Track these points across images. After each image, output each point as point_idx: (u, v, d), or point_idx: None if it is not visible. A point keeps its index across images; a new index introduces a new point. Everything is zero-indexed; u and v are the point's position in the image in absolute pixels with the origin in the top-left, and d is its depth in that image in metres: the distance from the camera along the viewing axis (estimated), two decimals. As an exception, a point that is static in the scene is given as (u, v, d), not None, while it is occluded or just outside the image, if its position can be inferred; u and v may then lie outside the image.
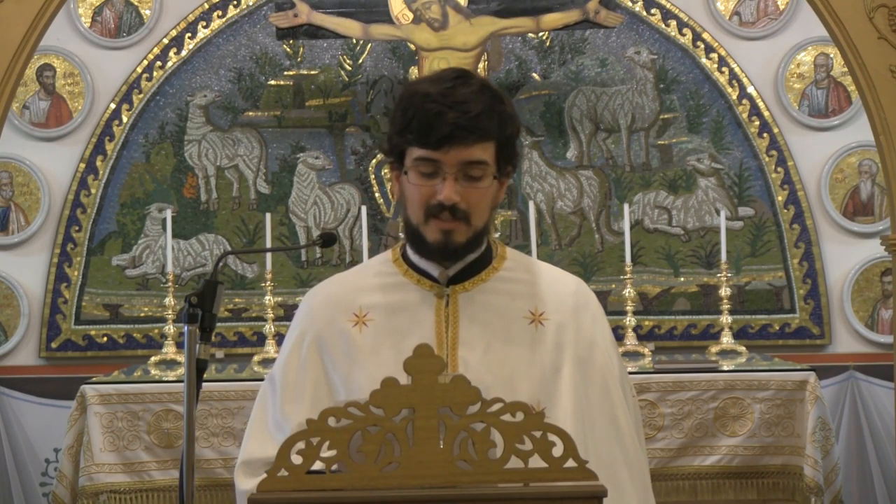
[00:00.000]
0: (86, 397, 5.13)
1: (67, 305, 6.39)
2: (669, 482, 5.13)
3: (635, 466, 2.35)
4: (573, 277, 2.50)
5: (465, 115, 2.23)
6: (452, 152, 2.24)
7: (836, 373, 6.18)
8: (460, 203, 2.26)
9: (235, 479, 2.34)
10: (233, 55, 6.50)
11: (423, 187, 2.27)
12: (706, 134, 6.46)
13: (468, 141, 2.24)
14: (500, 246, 2.45)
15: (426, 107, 2.24)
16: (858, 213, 6.45)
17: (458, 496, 1.93)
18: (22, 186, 6.45)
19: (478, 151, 2.26)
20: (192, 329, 2.25)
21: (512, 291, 2.39)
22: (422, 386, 1.93)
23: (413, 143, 2.27)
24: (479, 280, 2.38)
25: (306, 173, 6.46)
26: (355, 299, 2.39)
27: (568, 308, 2.39)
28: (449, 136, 2.23)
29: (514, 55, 6.49)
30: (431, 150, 2.25)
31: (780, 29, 6.50)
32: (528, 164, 6.45)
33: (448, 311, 2.36)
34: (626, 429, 2.37)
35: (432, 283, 2.37)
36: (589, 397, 2.34)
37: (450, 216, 2.26)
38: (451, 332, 2.34)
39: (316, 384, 2.36)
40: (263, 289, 5.90)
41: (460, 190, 2.26)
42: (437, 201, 2.26)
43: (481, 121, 2.25)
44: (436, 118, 2.23)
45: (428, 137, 2.24)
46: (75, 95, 6.48)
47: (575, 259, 6.43)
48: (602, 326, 2.43)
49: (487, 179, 2.29)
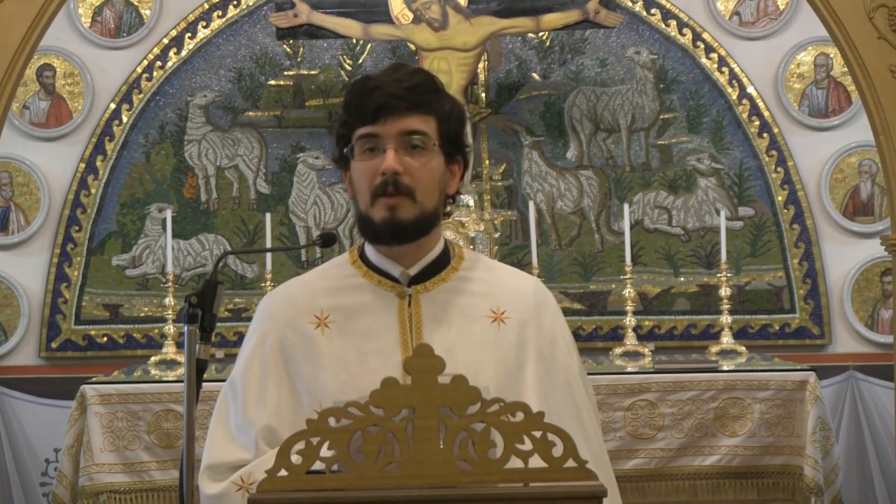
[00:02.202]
0: (86, 397, 5.13)
1: (67, 305, 6.39)
2: (669, 482, 5.13)
3: (600, 463, 2.36)
4: (531, 277, 2.54)
5: (398, 85, 2.28)
6: (389, 122, 2.28)
7: (836, 373, 6.18)
8: (403, 176, 2.27)
9: (200, 485, 2.31)
10: (233, 55, 6.50)
11: (366, 166, 2.30)
12: (706, 134, 6.46)
13: (402, 109, 2.28)
14: (456, 247, 2.47)
15: (363, 87, 2.31)
16: (858, 213, 6.45)
17: (458, 496, 1.93)
18: (22, 186, 6.45)
19: (415, 122, 2.29)
20: (192, 329, 2.24)
21: (472, 291, 2.40)
22: (422, 386, 1.93)
23: (355, 125, 2.31)
24: (440, 280, 2.39)
25: (306, 173, 6.46)
26: (316, 301, 2.39)
27: (528, 306, 2.41)
28: (383, 104, 2.27)
29: (514, 55, 6.49)
30: (370, 125, 2.28)
31: (780, 29, 6.50)
32: (528, 164, 6.45)
33: (411, 310, 2.36)
34: (590, 426, 2.39)
35: (393, 284, 2.38)
36: (553, 394, 2.35)
37: (394, 190, 2.27)
38: (414, 332, 2.34)
39: (279, 387, 2.35)
40: (263, 289, 5.90)
41: (403, 161, 2.28)
42: (381, 176, 2.27)
43: (416, 92, 2.30)
44: (371, 92, 2.28)
45: (365, 111, 2.28)
46: (75, 95, 6.48)
47: (575, 259, 6.43)
48: (561, 324, 2.46)
49: (430, 152, 2.31)
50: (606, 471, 2.39)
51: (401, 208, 2.28)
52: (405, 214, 2.29)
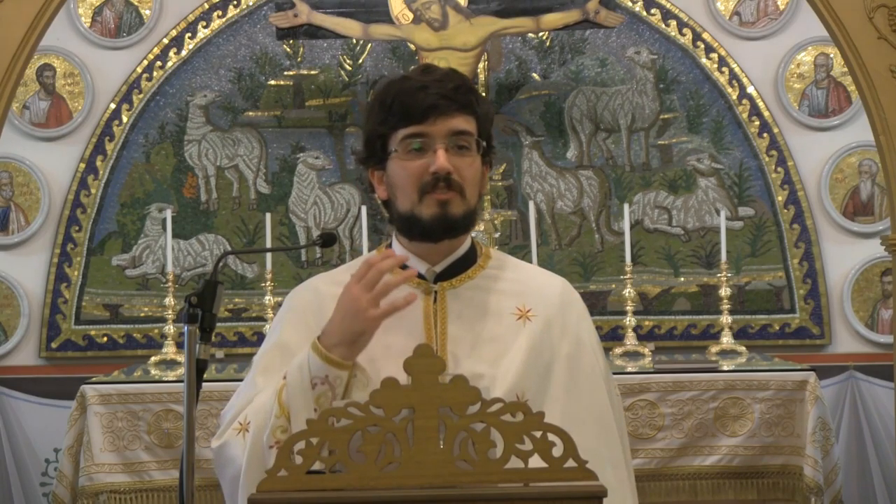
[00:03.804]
0: (86, 397, 5.13)
1: (67, 305, 6.39)
2: (669, 482, 5.13)
3: (621, 465, 2.37)
4: (558, 277, 2.54)
5: (444, 85, 2.30)
6: (439, 122, 2.29)
7: (836, 373, 6.18)
8: (454, 174, 2.29)
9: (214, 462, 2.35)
10: (233, 55, 6.50)
11: (413, 165, 2.30)
12: (706, 134, 6.46)
13: (451, 110, 2.30)
14: (483, 246, 2.48)
15: (405, 87, 2.32)
16: (858, 213, 6.45)
17: (458, 496, 1.93)
18: (22, 186, 6.45)
19: (462, 122, 2.31)
20: (192, 329, 2.25)
21: (499, 289, 2.41)
22: (422, 386, 1.94)
23: (398, 125, 2.31)
24: (466, 277, 2.41)
25: (306, 173, 6.46)
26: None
27: (555, 305, 2.42)
28: (433, 105, 2.28)
29: (514, 55, 6.49)
30: (418, 125, 2.29)
31: (780, 29, 6.50)
32: (528, 164, 6.45)
33: (436, 307, 2.37)
34: (612, 428, 2.38)
35: (419, 280, 2.39)
36: (577, 395, 2.35)
37: (445, 187, 2.29)
38: (439, 328, 2.35)
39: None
40: (263, 289, 5.90)
41: (451, 160, 2.29)
42: (432, 174, 2.28)
43: (461, 92, 2.32)
44: (418, 92, 2.29)
45: (413, 112, 2.29)
46: (75, 95, 6.48)
47: (575, 259, 6.43)
48: (588, 325, 2.46)
49: (474, 152, 2.34)
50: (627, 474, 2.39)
51: (452, 204, 2.30)
52: (456, 210, 2.31)
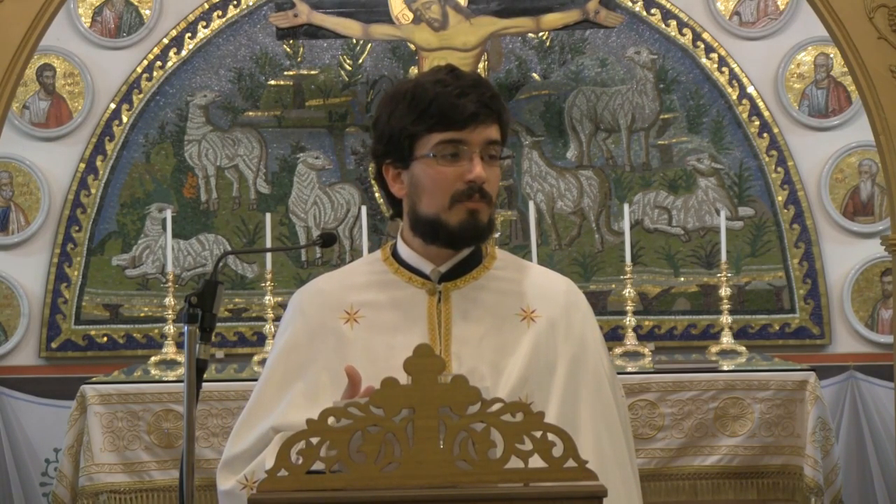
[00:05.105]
0: (86, 397, 5.13)
1: (67, 305, 6.39)
2: (669, 482, 5.13)
3: (626, 466, 2.36)
4: (563, 277, 2.52)
5: (483, 94, 2.29)
6: (478, 131, 2.29)
7: (836, 373, 6.18)
8: (485, 184, 2.30)
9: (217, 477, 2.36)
10: (233, 55, 6.50)
11: (447, 171, 2.29)
12: (706, 134, 6.46)
13: (489, 119, 2.30)
14: (488, 246, 2.47)
15: (445, 91, 2.28)
16: (858, 213, 6.45)
17: (458, 496, 1.93)
18: (22, 186, 6.45)
19: (494, 132, 2.32)
20: (192, 329, 2.25)
21: (503, 289, 2.40)
22: (422, 386, 1.93)
23: (434, 128, 2.29)
24: (471, 278, 2.40)
25: (306, 173, 6.46)
26: (346, 297, 2.39)
27: (559, 306, 2.41)
28: (475, 114, 2.27)
29: (514, 55, 6.49)
30: (457, 131, 2.28)
31: (780, 29, 6.50)
32: (528, 164, 6.45)
33: (441, 307, 2.36)
34: (616, 428, 2.38)
35: (424, 281, 2.38)
36: (581, 395, 2.34)
37: (479, 197, 2.30)
38: (444, 328, 2.35)
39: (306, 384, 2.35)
40: (263, 289, 5.90)
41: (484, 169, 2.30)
42: (468, 182, 2.28)
43: (497, 101, 2.32)
44: (459, 98, 2.27)
45: (453, 118, 2.27)
46: (75, 95, 6.48)
47: (575, 259, 6.43)
48: (592, 325, 2.45)
49: (497, 161, 2.35)
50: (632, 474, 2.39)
51: (481, 213, 2.31)
52: (484, 218, 2.32)
